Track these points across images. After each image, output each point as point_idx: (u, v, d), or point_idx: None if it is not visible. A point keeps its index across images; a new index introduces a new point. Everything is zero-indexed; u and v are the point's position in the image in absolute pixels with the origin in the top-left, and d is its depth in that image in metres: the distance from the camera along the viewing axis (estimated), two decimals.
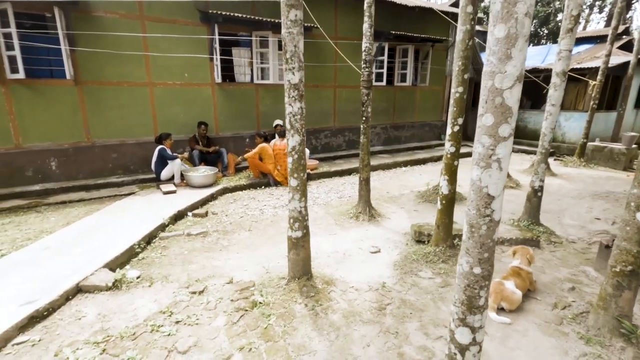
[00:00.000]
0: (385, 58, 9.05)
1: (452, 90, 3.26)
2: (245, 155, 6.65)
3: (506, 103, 1.33)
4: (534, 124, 11.44)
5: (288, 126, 2.76)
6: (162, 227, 4.50)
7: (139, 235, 4.03)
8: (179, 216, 4.95)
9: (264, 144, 6.74)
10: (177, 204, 5.17)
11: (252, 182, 6.62)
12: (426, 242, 4.14)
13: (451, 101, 3.30)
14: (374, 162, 8.56)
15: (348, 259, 3.88)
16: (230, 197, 6.10)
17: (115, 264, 3.51)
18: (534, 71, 11.15)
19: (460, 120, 3.29)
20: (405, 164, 8.94)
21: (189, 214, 5.11)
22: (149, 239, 4.17)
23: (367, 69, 4.85)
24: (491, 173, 1.40)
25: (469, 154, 10.42)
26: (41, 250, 3.66)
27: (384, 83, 9.39)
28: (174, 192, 5.79)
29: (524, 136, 11.43)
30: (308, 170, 7.26)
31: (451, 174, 3.42)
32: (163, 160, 6.11)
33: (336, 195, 6.33)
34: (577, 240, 4.35)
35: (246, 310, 2.71)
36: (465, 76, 3.19)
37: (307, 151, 6.96)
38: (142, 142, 6.66)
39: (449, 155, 3.40)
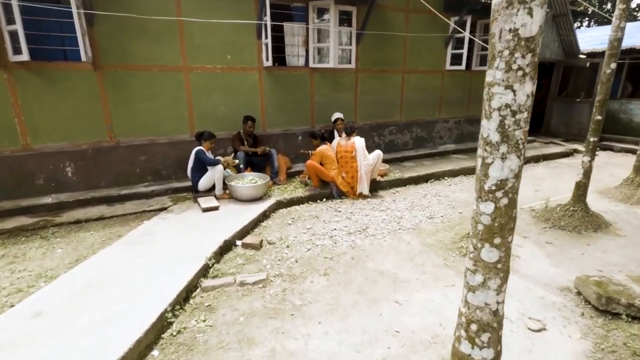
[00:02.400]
0: (466, 35, 7.24)
1: None
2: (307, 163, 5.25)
3: None
4: None
5: (498, 135, 1.24)
6: (205, 270, 3.15)
7: (173, 291, 2.68)
8: (225, 248, 3.59)
9: (323, 147, 5.28)
10: (223, 229, 3.81)
11: (312, 192, 5.17)
12: (625, 318, 2.54)
13: None
14: (449, 165, 6.91)
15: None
16: (287, 214, 4.68)
17: (137, 352, 2.17)
18: (633, 51, 8.90)
19: None
20: None
21: (238, 242, 3.74)
22: (186, 293, 2.83)
23: None
24: None
25: (560, 155, 8.48)
26: (29, 319, 2.39)
27: (462, 67, 7.60)
28: (216, 208, 4.44)
29: (629, 132, 9.27)
30: (378, 177, 5.72)
31: None
32: (201, 166, 4.78)
33: (423, 213, 4.76)
34: None
35: None
36: None
37: (380, 153, 5.40)
38: (176, 141, 5.36)
39: None
